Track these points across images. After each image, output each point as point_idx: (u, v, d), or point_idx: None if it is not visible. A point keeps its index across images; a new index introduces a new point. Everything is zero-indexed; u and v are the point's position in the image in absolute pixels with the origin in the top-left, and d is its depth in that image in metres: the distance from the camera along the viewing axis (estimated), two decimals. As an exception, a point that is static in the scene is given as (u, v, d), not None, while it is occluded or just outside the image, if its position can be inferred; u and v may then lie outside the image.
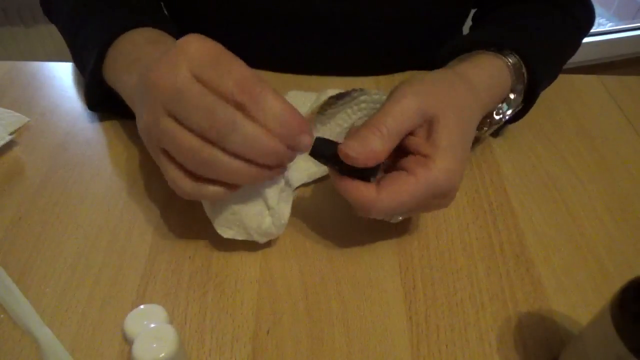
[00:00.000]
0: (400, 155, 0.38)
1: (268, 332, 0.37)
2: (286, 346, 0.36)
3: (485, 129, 0.49)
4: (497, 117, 0.49)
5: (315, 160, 0.38)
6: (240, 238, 0.40)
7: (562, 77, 0.60)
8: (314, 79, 0.60)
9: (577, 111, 0.57)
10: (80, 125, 0.53)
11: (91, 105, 0.53)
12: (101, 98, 0.50)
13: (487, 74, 0.45)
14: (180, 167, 0.35)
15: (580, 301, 0.40)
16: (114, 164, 0.49)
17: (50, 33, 1.27)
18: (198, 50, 0.33)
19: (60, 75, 0.60)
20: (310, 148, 0.35)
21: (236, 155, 0.33)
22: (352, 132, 0.37)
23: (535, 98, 0.49)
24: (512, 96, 0.48)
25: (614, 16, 1.85)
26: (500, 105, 0.48)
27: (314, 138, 0.35)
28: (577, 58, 0.57)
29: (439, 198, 0.38)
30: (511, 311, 0.39)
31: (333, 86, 0.44)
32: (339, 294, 0.39)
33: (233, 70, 0.33)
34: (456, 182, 0.38)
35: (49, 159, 0.49)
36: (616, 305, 0.28)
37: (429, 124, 0.38)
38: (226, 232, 0.40)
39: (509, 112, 0.49)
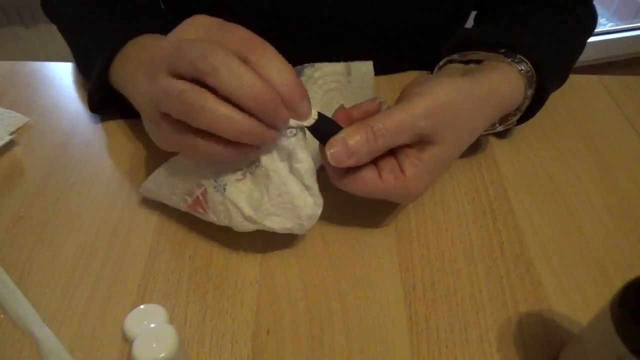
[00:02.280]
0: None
1: (268, 332, 0.37)
2: (286, 346, 0.36)
3: (486, 133, 0.49)
4: (499, 127, 0.50)
5: None
6: (287, 226, 0.38)
7: (562, 77, 0.60)
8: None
9: (577, 111, 0.57)
10: (80, 125, 0.53)
11: (94, 108, 0.53)
12: (105, 101, 0.50)
13: (503, 87, 0.44)
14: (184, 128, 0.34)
15: (580, 301, 0.40)
16: (114, 164, 0.49)
17: (50, 33, 1.27)
18: (204, 19, 0.33)
19: (60, 75, 0.60)
20: (308, 117, 0.35)
21: (231, 102, 0.32)
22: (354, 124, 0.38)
23: (543, 103, 0.49)
24: (523, 107, 0.48)
25: (614, 16, 1.85)
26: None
27: (315, 113, 0.36)
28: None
29: (399, 200, 0.43)
30: (511, 311, 0.39)
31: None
32: (339, 294, 0.39)
33: (236, 30, 0.33)
34: (423, 190, 0.40)
35: (49, 159, 0.49)
36: (616, 305, 0.28)
37: (424, 143, 0.39)
38: (273, 220, 0.38)
39: (515, 118, 0.49)
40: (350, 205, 0.45)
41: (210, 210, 0.39)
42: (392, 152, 0.39)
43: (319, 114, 0.36)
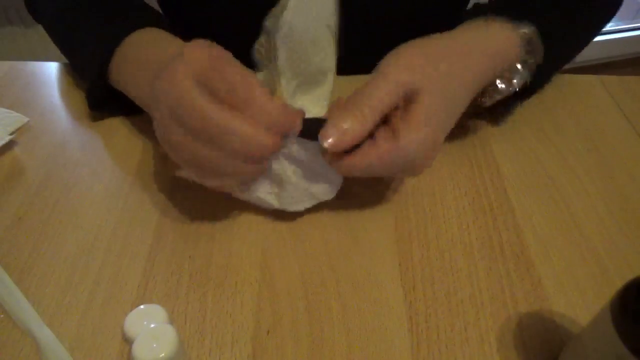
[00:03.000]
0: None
1: (268, 332, 0.37)
2: (286, 346, 0.36)
3: (485, 99, 0.47)
4: (500, 86, 0.46)
5: None
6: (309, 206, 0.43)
7: (562, 77, 0.60)
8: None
9: (577, 111, 0.57)
10: (80, 125, 0.53)
11: (93, 106, 0.53)
12: (104, 98, 0.50)
13: (490, 39, 0.44)
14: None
15: (580, 301, 0.40)
16: (114, 164, 0.49)
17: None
18: (198, 57, 0.34)
19: (60, 75, 0.60)
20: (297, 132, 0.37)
21: (231, 155, 0.35)
22: (335, 109, 0.39)
23: (548, 77, 0.47)
24: (518, 66, 0.46)
25: (614, 16, 1.85)
26: (506, 74, 0.46)
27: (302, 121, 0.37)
28: (577, 58, 0.57)
29: (408, 169, 0.40)
30: (511, 311, 0.39)
31: (335, 85, 0.44)
32: (339, 294, 0.39)
33: (226, 74, 0.34)
34: (427, 151, 0.38)
35: (49, 159, 0.49)
36: (616, 305, 0.28)
37: (409, 100, 0.38)
38: (297, 207, 0.43)
39: (515, 81, 0.46)
40: (350, 205, 0.45)
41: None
42: (387, 122, 0.39)
43: (303, 120, 0.37)
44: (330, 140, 0.37)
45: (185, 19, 0.67)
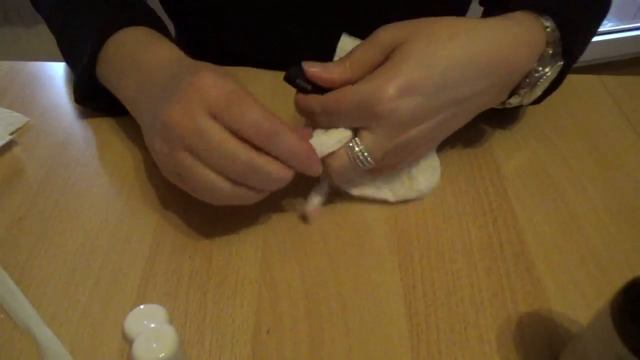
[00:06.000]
0: None
1: (268, 332, 0.37)
2: (286, 346, 0.36)
3: (521, 93, 0.44)
4: (534, 76, 0.42)
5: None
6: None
7: (562, 77, 0.60)
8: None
9: (577, 111, 0.57)
10: (80, 125, 0.53)
11: (80, 99, 0.52)
12: (91, 92, 0.50)
13: (501, 17, 0.41)
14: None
15: (580, 301, 0.40)
16: (114, 164, 0.49)
17: (51, 33, 1.27)
18: (212, 89, 0.35)
19: (60, 75, 0.60)
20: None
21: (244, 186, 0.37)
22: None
23: (569, 67, 0.44)
24: (550, 51, 0.42)
25: (614, 16, 1.85)
26: (535, 67, 0.42)
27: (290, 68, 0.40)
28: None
29: (368, 114, 0.37)
30: (511, 311, 0.39)
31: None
32: (339, 294, 0.39)
33: (246, 112, 0.35)
34: (386, 96, 0.36)
35: (49, 159, 0.49)
36: (616, 305, 0.28)
37: (394, 52, 0.38)
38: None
39: (548, 69, 0.42)
40: (350, 205, 0.45)
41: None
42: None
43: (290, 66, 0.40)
44: (313, 69, 0.39)
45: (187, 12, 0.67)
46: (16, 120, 0.52)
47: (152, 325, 0.35)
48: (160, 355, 0.32)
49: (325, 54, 0.48)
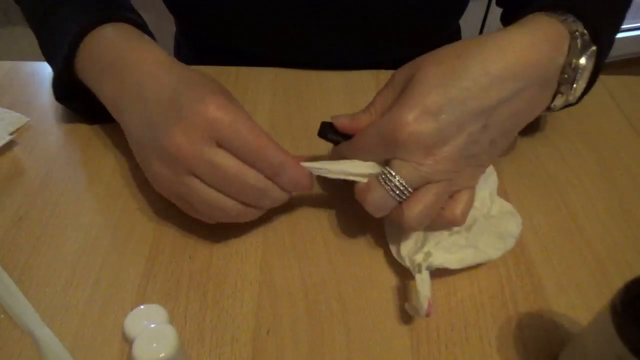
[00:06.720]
0: None
1: (268, 332, 0.37)
2: (286, 346, 0.36)
3: (562, 90, 0.41)
4: (570, 70, 0.40)
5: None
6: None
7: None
8: (314, 74, 0.60)
9: (577, 111, 0.57)
10: (80, 125, 0.53)
11: (59, 97, 0.51)
12: (71, 91, 0.49)
13: (512, 26, 0.39)
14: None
15: (580, 301, 0.40)
16: (114, 164, 0.49)
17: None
18: (216, 117, 0.36)
19: (60, 75, 0.60)
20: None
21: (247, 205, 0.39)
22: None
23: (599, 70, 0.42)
24: (578, 41, 0.39)
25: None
26: (568, 61, 0.40)
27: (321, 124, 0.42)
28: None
29: (390, 143, 0.37)
30: (511, 311, 0.39)
31: (333, 81, 0.44)
32: (339, 294, 0.39)
33: (250, 140, 0.36)
34: (403, 123, 0.36)
35: (49, 159, 0.49)
36: (616, 305, 0.28)
37: (407, 83, 0.38)
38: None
39: (583, 59, 0.39)
40: (350, 205, 0.45)
41: None
42: None
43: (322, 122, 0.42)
44: (341, 121, 0.41)
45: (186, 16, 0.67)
46: (16, 120, 0.52)
47: (152, 325, 0.35)
48: (160, 355, 0.32)
49: (324, 49, 0.47)
